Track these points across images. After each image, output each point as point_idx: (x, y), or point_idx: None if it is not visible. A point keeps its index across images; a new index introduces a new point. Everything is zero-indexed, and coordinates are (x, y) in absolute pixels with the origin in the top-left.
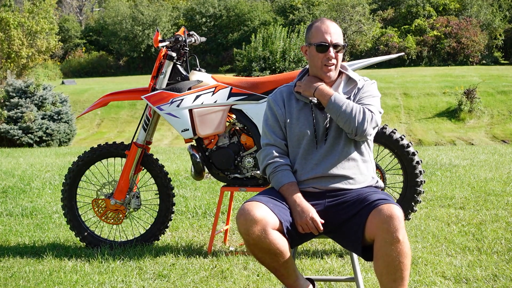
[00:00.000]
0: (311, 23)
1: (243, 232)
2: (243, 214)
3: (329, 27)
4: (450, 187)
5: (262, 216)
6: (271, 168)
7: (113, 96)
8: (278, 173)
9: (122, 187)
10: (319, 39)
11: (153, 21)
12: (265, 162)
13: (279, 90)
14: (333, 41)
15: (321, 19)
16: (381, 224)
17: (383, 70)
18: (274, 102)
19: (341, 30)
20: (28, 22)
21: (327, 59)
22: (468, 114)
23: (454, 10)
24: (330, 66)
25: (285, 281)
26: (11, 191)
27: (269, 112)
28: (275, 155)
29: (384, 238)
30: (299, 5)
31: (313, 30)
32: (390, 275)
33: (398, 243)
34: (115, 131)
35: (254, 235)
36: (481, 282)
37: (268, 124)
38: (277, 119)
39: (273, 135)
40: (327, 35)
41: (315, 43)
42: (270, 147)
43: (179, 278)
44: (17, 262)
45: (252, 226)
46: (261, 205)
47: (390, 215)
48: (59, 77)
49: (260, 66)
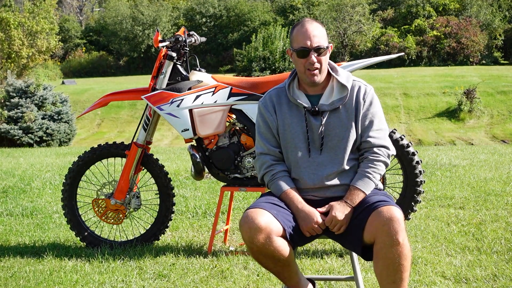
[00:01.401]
0: (293, 25)
1: (247, 240)
2: (247, 222)
3: (309, 30)
4: (450, 187)
5: (266, 224)
6: (268, 176)
7: (113, 96)
8: (276, 180)
9: (122, 187)
10: (299, 44)
11: (153, 21)
12: (262, 172)
13: (268, 95)
14: (313, 45)
15: (302, 21)
16: (381, 226)
17: (383, 70)
18: (264, 108)
19: (324, 30)
20: (28, 22)
21: (310, 64)
22: (468, 114)
23: (454, 10)
24: (313, 70)
25: (287, 283)
26: (12, 191)
27: (260, 119)
28: (271, 163)
29: (384, 240)
30: (299, 5)
31: (294, 34)
32: (390, 276)
33: (398, 245)
34: (115, 131)
35: (259, 243)
36: (480, 282)
37: (260, 131)
38: (269, 126)
39: (266, 143)
40: (306, 40)
41: (295, 49)
42: (265, 155)
43: (179, 278)
44: (18, 262)
45: (257, 234)
46: (265, 212)
47: (390, 217)
48: (59, 77)
49: (260, 66)
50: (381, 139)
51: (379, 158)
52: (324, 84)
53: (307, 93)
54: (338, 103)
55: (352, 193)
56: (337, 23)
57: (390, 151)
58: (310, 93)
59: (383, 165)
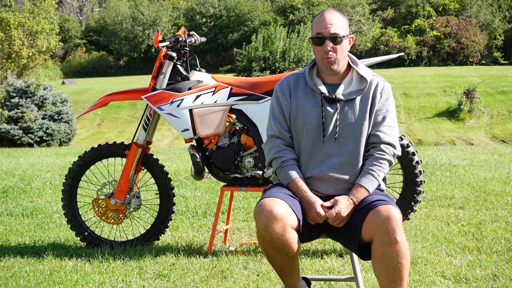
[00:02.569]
0: (316, 15)
1: (262, 228)
2: (264, 210)
3: (327, 18)
4: (450, 187)
5: (283, 213)
6: (277, 162)
7: (113, 96)
8: (285, 168)
9: (122, 187)
10: (315, 32)
11: (153, 21)
12: (271, 156)
13: (286, 79)
14: (329, 33)
15: (323, 10)
16: (379, 225)
17: (383, 70)
18: (280, 91)
19: (345, 20)
20: (28, 22)
21: (325, 52)
22: (467, 114)
23: (454, 10)
24: (329, 59)
25: (286, 281)
26: (12, 191)
27: (275, 102)
28: (280, 148)
29: (382, 239)
30: (299, 5)
31: (313, 23)
32: (389, 276)
33: (396, 244)
34: (115, 131)
35: (274, 232)
36: (480, 282)
37: (274, 114)
38: (282, 109)
39: (279, 125)
40: (322, 28)
41: (312, 36)
42: (275, 139)
43: (179, 277)
44: (18, 262)
45: (273, 223)
46: (282, 202)
47: (387, 216)
48: (59, 77)
49: (260, 66)
50: (390, 136)
51: (384, 156)
52: (343, 75)
53: (326, 81)
54: (355, 94)
55: (357, 190)
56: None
57: (396, 150)
58: (328, 82)
59: (387, 164)
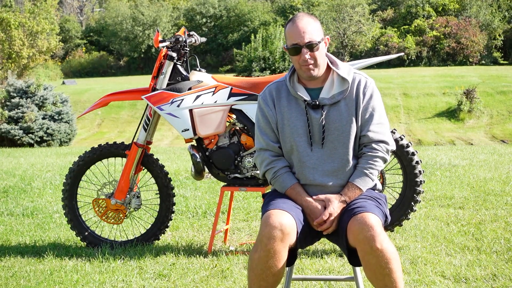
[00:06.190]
0: (286, 22)
1: (264, 242)
2: (269, 224)
3: (299, 26)
4: (450, 187)
5: (289, 229)
6: (270, 174)
7: (113, 96)
8: (279, 177)
9: (122, 187)
10: (291, 42)
11: (154, 21)
12: (263, 169)
13: (268, 89)
14: (304, 42)
15: (293, 17)
16: (357, 235)
17: (382, 70)
18: (264, 102)
19: (317, 23)
20: (29, 22)
21: (303, 61)
22: (467, 114)
23: (454, 10)
24: (308, 66)
25: None
26: (12, 191)
27: (260, 113)
28: (270, 160)
29: (363, 248)
30: (299, 6)
31: (286, 32)
32: (379, 281)
33: (377, 251)
34: (115, 131)
35: (272, 250)
36: (480, 282)
37: (260, 126)
38: (268, 121)
39: (266, 138)
40: (297, 37)
41: (288, 47)
42: (264, 151)
43: (180, 277)
44: (18, 262)
45: (276, 241)
46: (289, 216)
47: (364, 225)
48: (59, 77)
49: (260, 66)
50: (381, 133)
51: (377, 154)
52: (324, 77)
53: (307, 86)
54: (338, 96)
55: (349, 189)
56: (337, 24)
57: (389, 146)
58: (310, 86)
59: (381, 161)
